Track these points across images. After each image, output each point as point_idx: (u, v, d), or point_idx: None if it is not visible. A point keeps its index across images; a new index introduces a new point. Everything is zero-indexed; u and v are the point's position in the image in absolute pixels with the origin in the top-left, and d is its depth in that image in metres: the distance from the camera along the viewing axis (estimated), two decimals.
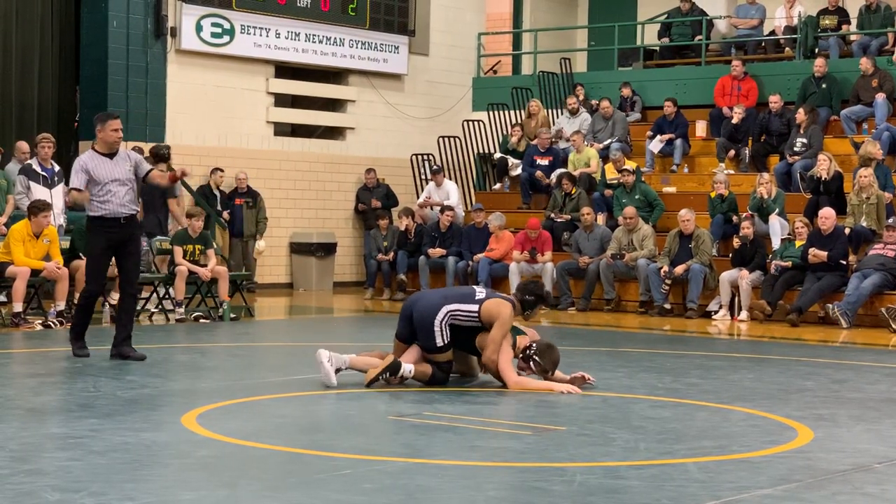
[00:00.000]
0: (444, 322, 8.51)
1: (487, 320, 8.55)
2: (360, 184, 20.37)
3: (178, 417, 7.10)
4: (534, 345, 8.77)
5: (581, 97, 20.45)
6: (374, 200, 19.85)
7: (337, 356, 8.61)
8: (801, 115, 17.44)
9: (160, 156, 15.38)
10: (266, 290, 18.86)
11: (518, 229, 17.40)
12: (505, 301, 8.70)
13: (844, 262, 14.74)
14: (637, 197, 17.01)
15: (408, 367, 8.63)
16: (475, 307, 8.57)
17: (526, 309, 8.97)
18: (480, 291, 8.78)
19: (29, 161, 14.79)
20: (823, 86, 18.38)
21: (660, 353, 11.48)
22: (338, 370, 8.55)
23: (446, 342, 8.54)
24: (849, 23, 19.63)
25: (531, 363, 8.73)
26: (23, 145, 15.52)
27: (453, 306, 8.55)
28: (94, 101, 17.61)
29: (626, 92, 20.15)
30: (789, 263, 14.82)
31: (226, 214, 18.13)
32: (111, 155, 9.81)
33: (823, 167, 15.86)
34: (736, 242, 15.54)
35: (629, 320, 15.22)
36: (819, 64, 18.37)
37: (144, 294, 15.08)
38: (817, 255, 14.59)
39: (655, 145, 18.93)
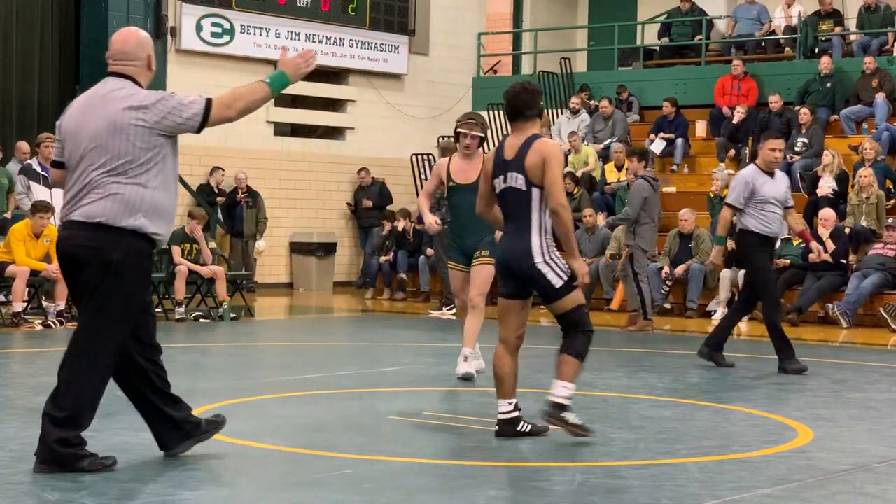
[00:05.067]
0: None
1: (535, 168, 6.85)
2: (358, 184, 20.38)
3: None
4: None
5: (586, 98, 20.43)
6: (364, 200, 19.82)
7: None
8: (805, 114, 17.39)
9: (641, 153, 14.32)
10: (266, 290, 18.86)
11: None
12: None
13: (844, 262, 14.73)
14: None
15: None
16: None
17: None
18: None
19: (29, 161, 14.78)
20: (828, 84, 18.34)
21: (660, 353, 11.48)
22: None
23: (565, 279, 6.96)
24: (843, 24, 19.63)
25: None
26: (23, 145, 15.50)
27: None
28: None
29: (624, 95, 20.13)
30: (787, 262, 14.78)
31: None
32: (770, 174, 9.94)
33: (828, 161, 15.90)
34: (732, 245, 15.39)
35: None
36: (825, 62, 18.32)
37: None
38: (818, 249, 14.53)
39: (658, 146, 18.90)
